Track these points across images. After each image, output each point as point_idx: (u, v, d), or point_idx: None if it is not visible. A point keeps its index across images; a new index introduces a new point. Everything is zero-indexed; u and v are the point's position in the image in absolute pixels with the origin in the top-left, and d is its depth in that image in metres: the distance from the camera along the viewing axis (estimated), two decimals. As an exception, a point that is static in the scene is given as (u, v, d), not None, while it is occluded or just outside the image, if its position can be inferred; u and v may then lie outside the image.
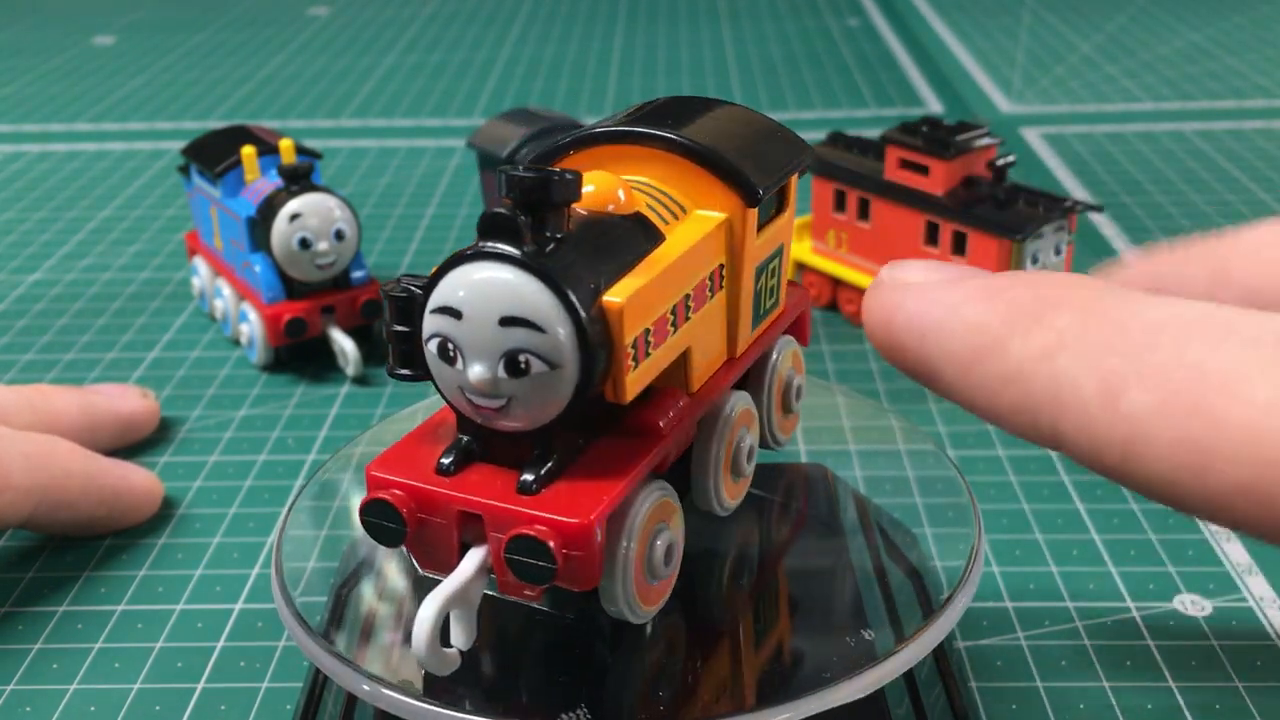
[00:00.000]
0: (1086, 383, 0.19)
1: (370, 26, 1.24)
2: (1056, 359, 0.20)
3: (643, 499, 0.26)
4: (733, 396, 0.30)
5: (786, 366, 0.33)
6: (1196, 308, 0.20)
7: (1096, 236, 0.69)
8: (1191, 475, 0.18)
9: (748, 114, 0.31)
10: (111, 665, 0.38)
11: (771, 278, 0.31)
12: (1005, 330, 0.21)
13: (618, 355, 0.24)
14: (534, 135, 0.55)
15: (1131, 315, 0.20)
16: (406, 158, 0.85)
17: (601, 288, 0.24)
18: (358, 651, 0.30)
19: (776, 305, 0.32)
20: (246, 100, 1.00)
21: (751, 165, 0.28)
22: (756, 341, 0.31)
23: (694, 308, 0.27)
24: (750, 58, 1.10)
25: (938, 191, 0.54)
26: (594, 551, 0.24)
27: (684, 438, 0.28)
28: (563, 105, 0.97)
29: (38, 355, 0.58)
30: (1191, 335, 0.19)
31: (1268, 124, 0.88)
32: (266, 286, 0.54)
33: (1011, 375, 0.21)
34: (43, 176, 0.83)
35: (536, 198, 0.24)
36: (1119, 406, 0.19)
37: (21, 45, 1.19)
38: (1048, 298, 0.21)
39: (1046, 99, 0.96)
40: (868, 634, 0.30)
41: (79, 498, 0.41)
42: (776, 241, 0.31)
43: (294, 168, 0.53)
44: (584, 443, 0.26)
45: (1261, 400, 0.18)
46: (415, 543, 0.26)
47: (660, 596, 0.27)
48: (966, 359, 0.22)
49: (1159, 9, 1.22)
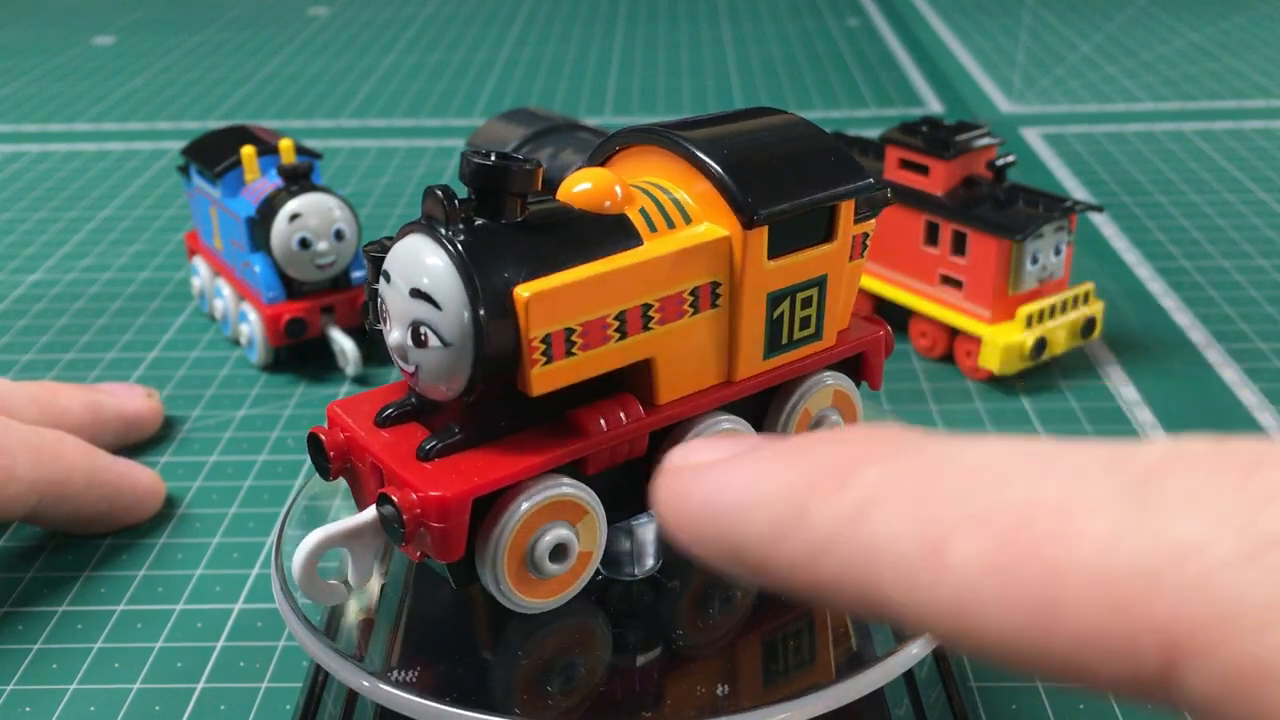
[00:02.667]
0: (906, 539, 0.17)
1: (370, 26, 1.24)
2: (870, 518, 0.18)
3: (533, 492, 0.26)
4: (713, 420, 0.29)
5: (820, 404, 0.31)
6: (1013, 445, 0.18)
7: (1096, 236, 0.69)
8: (1038, 630, 0.16)
9: (807, 133, 0.29)
10: (111, 665, 0.38)
11: (804, 308, 0.29)
12: (809, 496, 0.19)
13: (523, 348, 0.25)
14: (534, 135, 0.55)
15: (945, 459, 0.18)
16: (406, 158, 0.85)
17: (519, 279, 0.25)
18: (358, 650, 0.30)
19: (815, 338, 0.30)
20: (246, 100, 1.00)
21: (761, 186, 0.27)
22: (776, 371, 0.29)
23: (659, 319, 0.27)
24: (750, 58, 1.10)
25: (938, 191, 0.54)
26: (450, 526, 0.25)
27: (628, 447, 0.27)
28: (563, 105, 0.97)
29: (38, 355, 0.58)
30: (1013, 472, 0.17)
31: (1268, 124, 0.88)
32: (266, 286, 0.54)
33: (824, 544, 0.18)
34: (43, 176, 0.83)
35: (491, 185, 0.25)
36: (945, 560, 0.17)
37: (21, 45, 1.19)
38: (851, 454, 0.19)
39: (1046, 99, 0.96)
40: (868, 634, 0.30)
41: (83, 493, 0.41)
42: (812, 271, 0.29)
43: (294, 168, 0.53)
44: (506, 425, 0.26)
45: (1103, 530, 0.16)
46: (351, 482, 0.28)
47: (552, 593, 0.27)
48: (773, 535, 0.19)
49: (1159, 9, 1.22)
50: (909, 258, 0.55)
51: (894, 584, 0.17)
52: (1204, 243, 0.68)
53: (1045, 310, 0.53)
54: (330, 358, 0.56)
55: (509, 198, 0.25)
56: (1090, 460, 0.17)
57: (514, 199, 0.25)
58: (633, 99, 0.99)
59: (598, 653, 0.29)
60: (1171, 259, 0.66)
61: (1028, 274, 0.52)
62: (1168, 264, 0.66)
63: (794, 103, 0.97)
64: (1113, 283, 0.63)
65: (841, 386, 0.31)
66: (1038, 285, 0.53)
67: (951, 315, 0.54)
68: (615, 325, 0.26)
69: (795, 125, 0.30)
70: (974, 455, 0.18)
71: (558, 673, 0.29)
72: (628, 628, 0.30)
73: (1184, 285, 0.63)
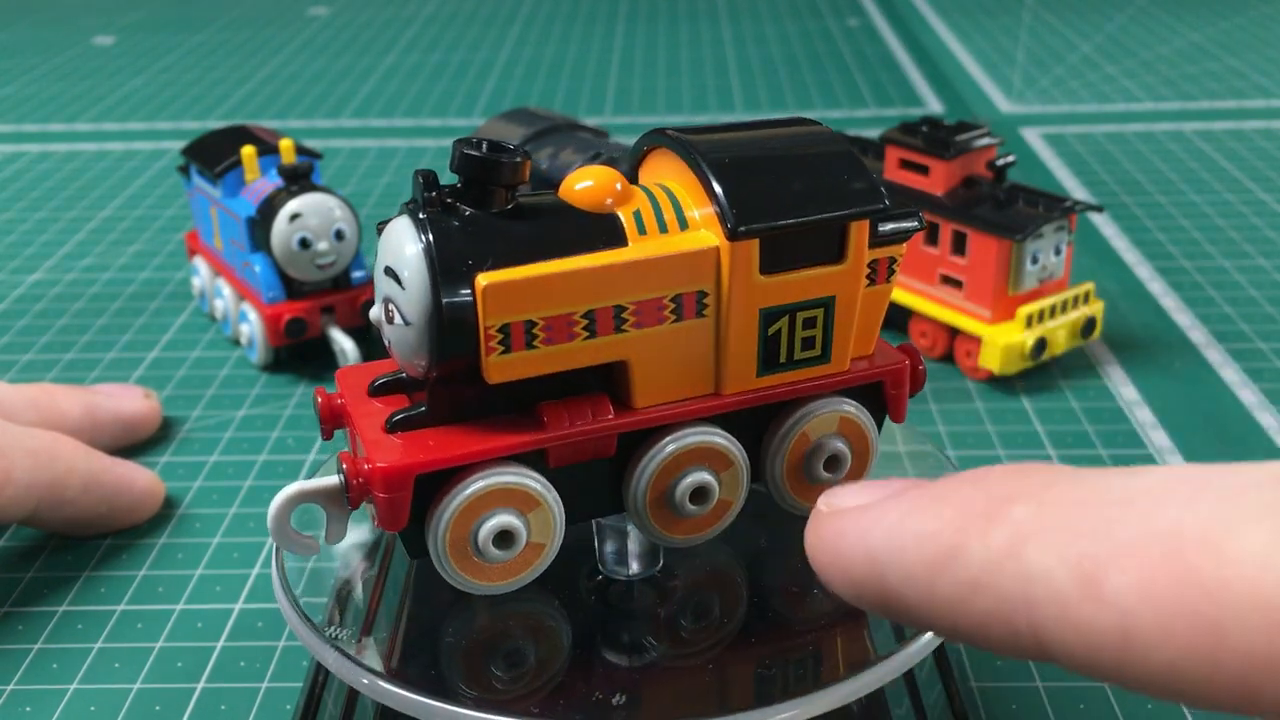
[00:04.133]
0: (1060, 573, 0.17)
1: (370, 26, 1.24)
2: (1022, 554, 0.18)
3: (482, 476, 0.26)
4: (692, 430, 0.28)
5: (822, 429, 0.29)
6: (1158, 473, 0.18)
7: (1097, 236, 0.69)
8: (1203, 658, 0.16)
9: (830, 149, 0.28)
10: (111, 665, 0.38)
11: (808, 328, 0.28)
12: (960, 535, 0.19)
13: (482, 336, 0.25)
14: (534, 135, 0.55)
15: (1092, 492, 0.18)
16: (406, 158, 0.85)
17: (484, 268, 0.25)
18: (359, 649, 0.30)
19: (821, 360, 0.29)
20: (246, 100, 1.00)
21: (754, 198, 0.27)
22: (773, 390, 0.29)
23: (635, 322, 0.26)
24: (750, 58, 1.10)
25: (938, 191, 0.54)
26: (392, 497, 0.26)
27: (594, 447, 0.27)
28: (563, 105, 0.97)
29: (38, 355, 0.58)
30: (1161, 501, 0.17)
31: (1268, 124, 0.88)
32: (266, 286, 0.54)
33: (976, 581, 0.19)
34: (43, 176, 0.83)
35: (476, 174, 0.26)
36: (1103, 592, 0.17)
37: (21, 45, 1.19)
38: (998, 493, 0.19)
39: (1046, 99, 0.96)
40: (868, 634, 0.30)
41: (81, 495, 0.41)
42: (816, 291, 0.28)
43: (294, 168, 0.53)
44: (476, 408, 0.27)
45: (1258, 550, 0.15)
46: (351, 444, 0.29)
47: (498, 578, 0.28)
48: (925, 574, 0.19)
49: (1159, 9, 1.22)
50: (909, 257, 0.55)
51: (1051, 619, 0.17)
52: (1204, 243, 0.68)
53: (1045, 310, 0.53)
54: (330, 358, 0.56)
55: (495, 189, 0.26)
56: (1240, 482, 0.17)
57: (500, 190, 0.26)
58: (633, 99, 0.99)
59: (597, 654, 0.29)
60: (1171, 259, 0.66)
61: (1028, 274, 0.52)
62: (1168, 264, 0.66)
63: (794, 103, 0.97)
64: (1113, 283, 0.63)
65: (850, 414, 0.30)
66: (1038, 285, 0.53)
67: (952, 315, 0.54)
68: (584, 323, 0.26)
69: (820, 140, 0.29)
70: (1120, 486, 0.18)
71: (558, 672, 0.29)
72: (628, 628, 0.30)
73: (1184, 285, 0.63)
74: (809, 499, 0.29)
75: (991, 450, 0.48)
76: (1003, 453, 0.48)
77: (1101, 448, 0.49)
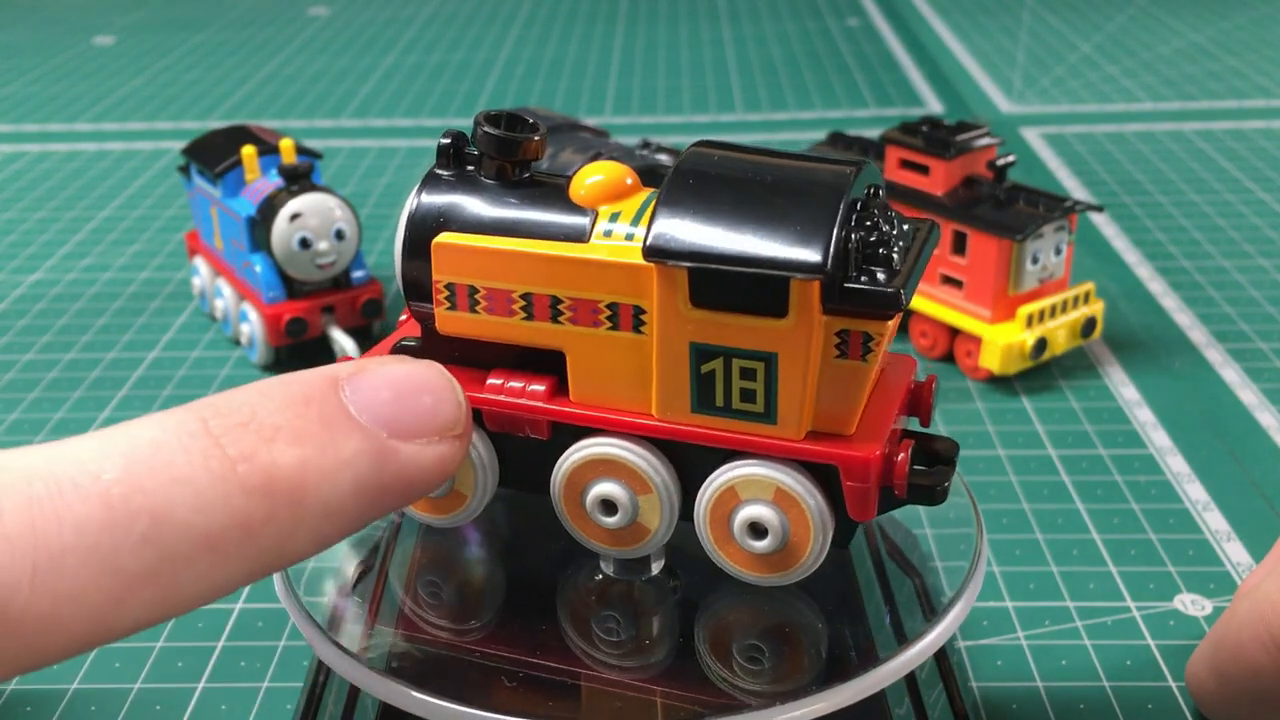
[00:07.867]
0: None
1: (370, 26, 1.24)
2: None
3: None
4: (609, 441, 0.28)
5: (752, 491, 0.27)
6: None
7: (1097, 236, 0.69)
8: None
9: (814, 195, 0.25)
10: (112, 665, 0.38)
11: (746, 378, 0.26)
12: None
13: (432, 287, 0.28)
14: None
15: None
16: (406, 158, 0.85)
17: (450, 229, 0.28)
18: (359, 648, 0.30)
19: (764, 419, 0.26)
20: (246, 100, 1.00)
21: (682, 225, 0.25)
22: (709, 432, 0.27)
23: (570, 317, 0.27)
24: (750, 58, 1.10)
25: (938, 191, 0.54)
26: None
27: (527, 424, 0.28)
28: (563, 105, 0.97)
29: (38, 355, 0.58)
30: None
31: (1268, 124, 0.88)
32: (267, 286, 0.54)
33: None
34: (43, 176, 0.83)
35: (485, 148, 0.28)
36: None
37: (21, 45, 1.19)
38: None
39: (1046, 99, 0.96)
40: (869, 635, 0.30)
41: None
42: (752, 342, 0.26)
43: (294, 168, 0.53)
44: (458, 356, 0.29)
45: None
46: None
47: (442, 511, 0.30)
48: None
49: (1159, 9, 1.23)
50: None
51: None
52: (1204, 243, 0.68)
53: (1045, 310, 0.53)
54: (330, 357, 0.56)
55: (502, 162, 0.28)
56: None
57: (506, 164, 0.28)
58: (633, 99, 0.99)
59: (597, 655, 0.29)
60: (1171, 259, 0.66)
61: (1028, 274, 0.52)
62: (1168, 264, 0.66)
63: (794, 103, 0.97)
64: (1113, 283, 0.63)
65: (789, 487, 0.27)
66: (1038, 285, 0.53)
67: (952, 315, 0.54)
68: (522, 303, 0.27)
69: (815, 185, 0.26)
70: None
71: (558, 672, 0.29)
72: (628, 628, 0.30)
73: (1184, 285, 0.63)
74: (735, 559, 0.28)
75: (992, 450, 0.48)
76: (1003, 452, 0.48)
77: (1102, 448, 0.49)
